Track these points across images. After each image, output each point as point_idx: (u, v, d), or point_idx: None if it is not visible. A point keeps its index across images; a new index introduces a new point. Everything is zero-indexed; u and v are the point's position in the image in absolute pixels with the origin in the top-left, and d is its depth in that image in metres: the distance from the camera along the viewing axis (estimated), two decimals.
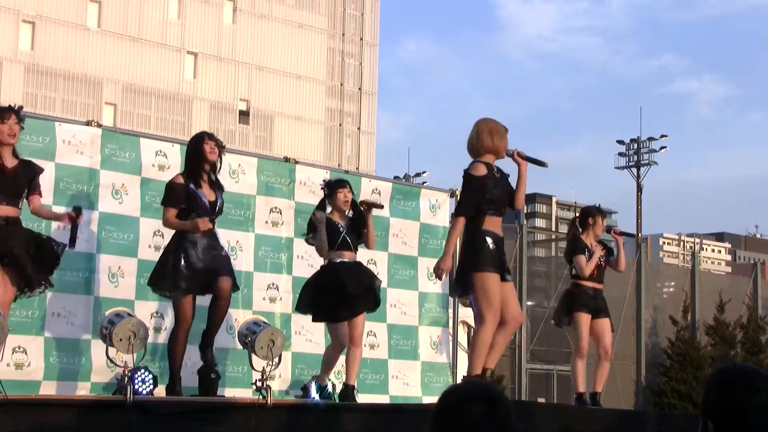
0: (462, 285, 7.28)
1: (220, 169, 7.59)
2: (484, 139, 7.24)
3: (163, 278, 7.37)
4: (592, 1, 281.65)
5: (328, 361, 8.24)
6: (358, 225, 8.28)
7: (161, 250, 8.96)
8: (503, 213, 7.36)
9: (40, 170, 6.94)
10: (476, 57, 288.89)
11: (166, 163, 8.96)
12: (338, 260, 8.16)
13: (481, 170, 7.18)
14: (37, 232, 7.02)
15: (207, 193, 7.40)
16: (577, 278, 9.27)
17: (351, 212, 8.36)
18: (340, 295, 8.00)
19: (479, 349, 6.96)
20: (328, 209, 8.29)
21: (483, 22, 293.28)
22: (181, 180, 7.42)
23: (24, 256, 6.59)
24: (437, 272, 7.22)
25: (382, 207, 8.86)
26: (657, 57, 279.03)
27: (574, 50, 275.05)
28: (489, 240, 7.16)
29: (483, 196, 7.13)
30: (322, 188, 8.45)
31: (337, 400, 7.90)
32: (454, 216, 7.33)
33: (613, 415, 8.55)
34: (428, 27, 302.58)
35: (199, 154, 7.42)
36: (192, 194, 7.35)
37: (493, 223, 7.21)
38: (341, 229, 8.18)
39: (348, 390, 8.12)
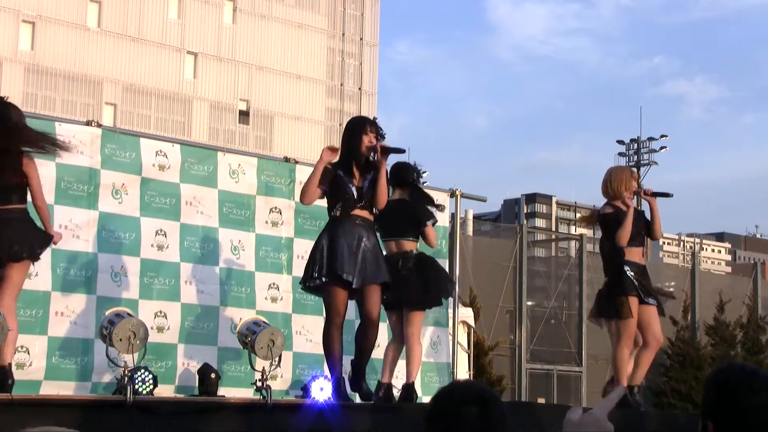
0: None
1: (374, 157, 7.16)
2: (616, 187, 8.49)
3: (308, 267, 7.06)
4: (583, 4, 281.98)
5: (393, 358, 8.07)
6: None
7: (164, 249, 8.94)
8: (642, 244, 8.69)
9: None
10: (468, 59, 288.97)
11: (167, 163, 8.97)
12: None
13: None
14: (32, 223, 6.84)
15: (356, 180, 7.10)
16: None
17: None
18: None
19: (620, 365, 8.44)
20: None
21: (473, 25, 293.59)
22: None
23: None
24: None
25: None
26: (649, 59, 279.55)
27: (566, 52, 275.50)
28: (628, 268, 8.40)
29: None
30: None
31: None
32: None
33: (614, 415, 8.53)
34: (419, 29, 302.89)
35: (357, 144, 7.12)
36: (339, 180, 7.09)
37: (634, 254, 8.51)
38: None
39: (410, 389, 8.07)
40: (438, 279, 8.21)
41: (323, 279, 7.02)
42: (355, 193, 7.07)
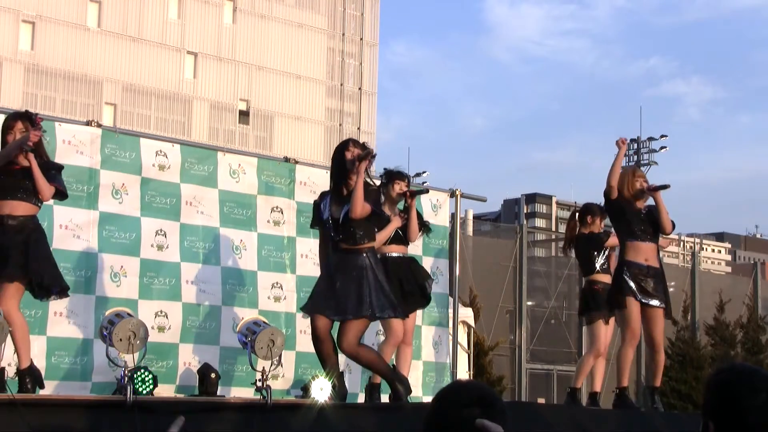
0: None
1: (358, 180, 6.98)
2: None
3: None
4: (579, 5, 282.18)
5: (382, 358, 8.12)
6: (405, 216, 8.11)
7: (164, 249, 8.93)
8: (652, 241, 8.48)
9: (54, 166, 6.86)
10: (465, 60, 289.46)
11: (166, 163, 8.96)
12: (392, 255, 8.05)
13: None
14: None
15: (334, 208, 7.05)
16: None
17: (403, 204, 8.20)
18: (395, 292, 7.67)
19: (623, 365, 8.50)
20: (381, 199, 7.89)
21: (470, 26, 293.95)
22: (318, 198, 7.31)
23: (19, 255, 6.57)
24: None
25: (427, 191, 9.23)
26: (645, 60, 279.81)
27: (562, 53, 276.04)
28: (626, 269, 8.34)
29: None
30: (380, 176, 8.25)
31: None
32: None
33: (615, 415, 8.55)
34: (416, 30, 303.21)
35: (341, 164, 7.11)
36: (321, 215, 7.18)
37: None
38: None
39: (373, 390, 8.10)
40: (415, 281, 8.18)
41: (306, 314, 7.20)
42: (332, 228, 7.08)
